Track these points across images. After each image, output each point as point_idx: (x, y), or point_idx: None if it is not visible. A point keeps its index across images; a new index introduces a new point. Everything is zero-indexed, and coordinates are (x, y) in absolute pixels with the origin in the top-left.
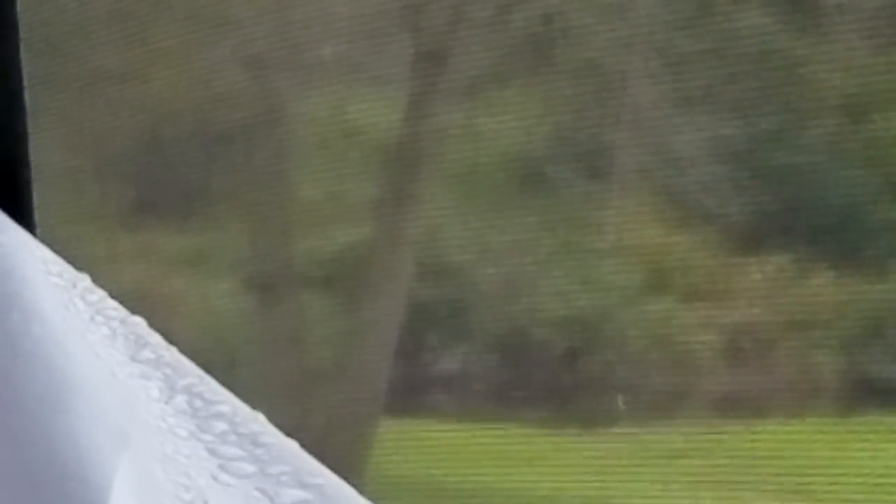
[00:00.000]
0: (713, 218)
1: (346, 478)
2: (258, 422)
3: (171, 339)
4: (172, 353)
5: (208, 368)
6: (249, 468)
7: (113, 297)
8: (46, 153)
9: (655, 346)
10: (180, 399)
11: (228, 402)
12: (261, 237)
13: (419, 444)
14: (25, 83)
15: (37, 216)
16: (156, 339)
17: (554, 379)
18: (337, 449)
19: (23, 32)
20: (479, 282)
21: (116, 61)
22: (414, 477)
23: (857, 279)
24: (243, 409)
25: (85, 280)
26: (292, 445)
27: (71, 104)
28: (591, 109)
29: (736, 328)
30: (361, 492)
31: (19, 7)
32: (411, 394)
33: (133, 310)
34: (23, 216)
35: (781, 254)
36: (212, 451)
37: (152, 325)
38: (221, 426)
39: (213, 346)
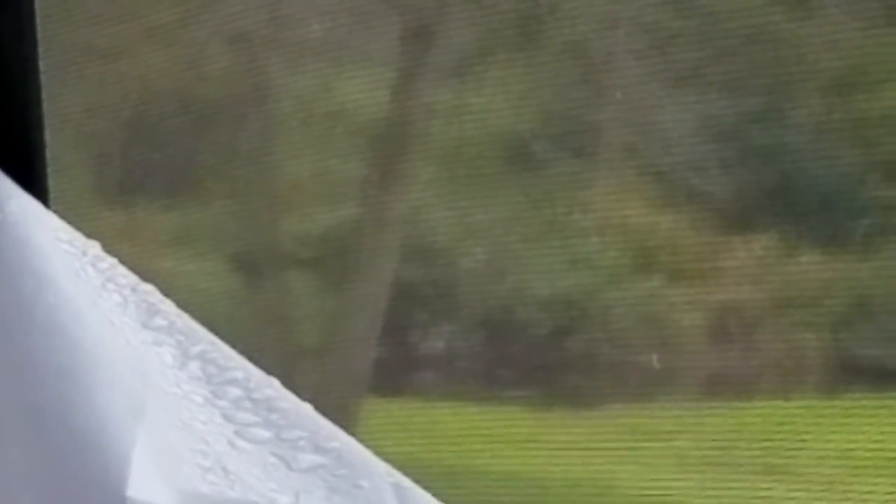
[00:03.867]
0: (700, 197)
1: None
2: (272, 387)
3: None
4: (185, 320)
5: None
6: (265, 434)
7: None
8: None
9: (642, 326)
10: (194, 366)
11: (242, 367)
12: (246, 216)
13: (405, 424)
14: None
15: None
16: (168, 306)
17: (540, 358)
18: None
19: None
20: (465, 261)
21: (102, 38)
22: (399, 457)
23: (843, 258)
24: (257, 374)
25: (95, 247)
26: (307, 410)
27: (55, 82)
28: (579, 88)
29: (722, 307)
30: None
31: None
32: (397, 373)
33: None
34: (35, 184)
35: (768, 233)
36: (227, 418)
37: None
38: (236, 392)
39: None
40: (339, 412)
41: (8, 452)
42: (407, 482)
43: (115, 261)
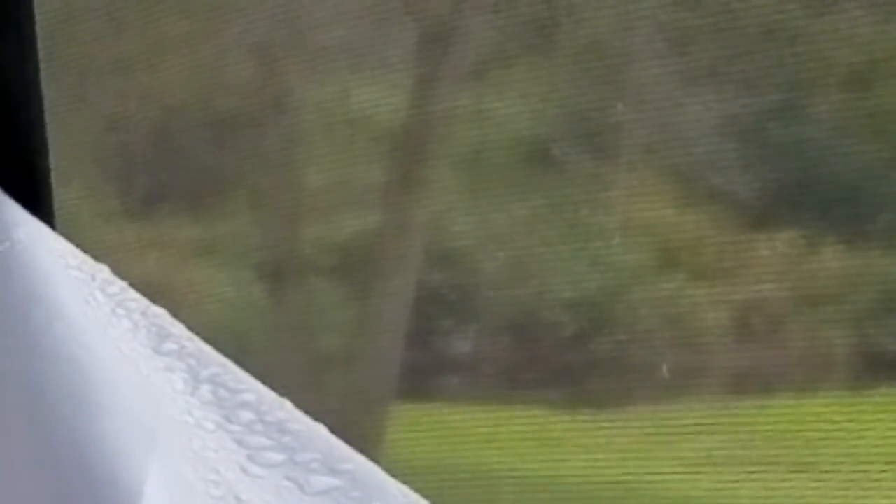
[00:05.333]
0: (721, 194)
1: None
2: (285, 409)
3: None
4: (195, 343)
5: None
6: (278, 457)
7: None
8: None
9: (666, 325)
10: (205, 390)
11: (253, 389)
12: (270, 225)
13: (432, 428)
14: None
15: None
16: (178, 329)
17: (565, 360)
18: (350, 435)
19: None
20: (488, 264)
21: (122, 51)
22: (427, 461)
23: (867, 253)
24: (269, 395)
25: (104, 271)
26: (321, 431)
27: (77, 95)
28: (597, 88)
29: (746, 305)
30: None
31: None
32: (423, 378)
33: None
34: (41, 208)
35: (791, 229)
36: (240, 442)
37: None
38: (248, 415)
39: (225, 336)
40: (367, 419)
41: (19, 486)
42: (423, 503)
43: (124, 284)
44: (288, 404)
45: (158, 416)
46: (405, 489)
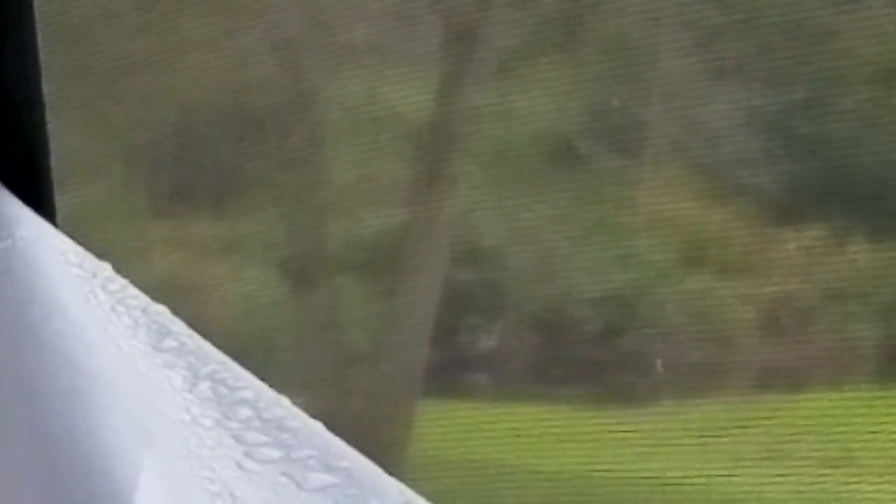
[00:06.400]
0: (748, 190)
1: (387, 459)
2: (282, 406)
3: (208, 327)
4: (195, 340)
5: (246, 354)
6: (275, 453)
7: (146, 286)
8: (67, 144)
9: (693, 321)
10: (204, 386)
11: (252, 386)
12: (295, 222)
13: (459, 425)
14: (43, 73)
15: (57, 205)
16: (178, 326)
17: (592, 356)
18: (377, 431)
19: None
20: (514, 261)
21: (144, 50)
22: (455, 457)
23: (894, 247)
24: (267, 393)
25: (106, 269)
26: (318, 428)
27: (95, 94)
28: (623, 84)
29: (773, 300)
30: (390, 472)
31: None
32: (450, 374)
33: (169, 298)
34: (43, 205)
35: (817, 224)
36: (237, 439)
37: (188, 313)
38: (246, 412)
39: (251, 333)
40: (394, 415)
41: (17, 476)
42: (419, 501)
43: (125, 282)
44: (286, 401)
45: (155, 414)
46: (402, 486)
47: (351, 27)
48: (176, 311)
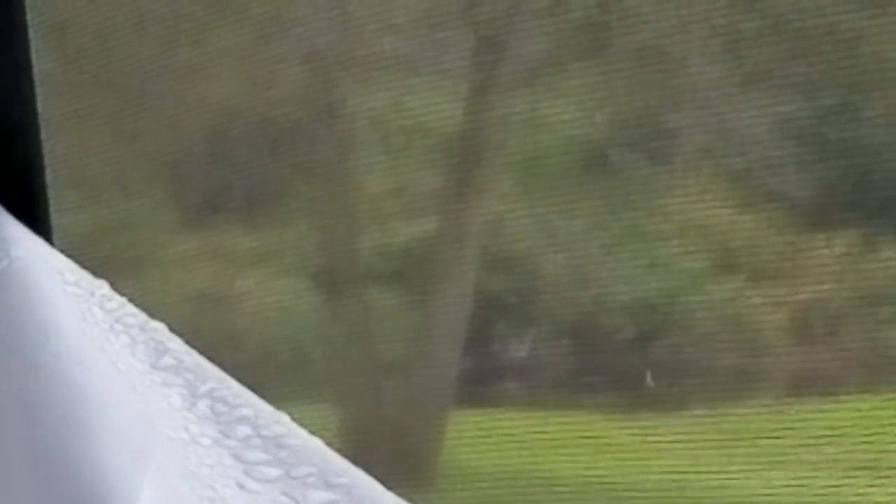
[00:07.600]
0: (778, 196)
1: (420, 468)
2: (282, 423)
3: (240, 340)
4: (193, 358)
5: (278, 366)
6: (274, 472)
7: (181, 298)
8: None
9: (726, 327)
10: (203, 405)
11: (251, 404)
12: (326, 233)
13: (492, 434)
14: (38, 88)
15: (53, 224)
16: (176, 343)
17: (624, 364)
18: (409, 441)
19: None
20: (546, 269)
21: (171, 61)
22: (487, 467)
23: None
24: (266, 410)
25: (103, 287)
26: (317, 445)
27: (113, 107)
28: (652, 92)
29: (805, 306)
30: (389, 488)
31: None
32: (482, 383)
33: (202, 310)
34: (39, 224)
35: (849, 229)
36: (236, 457)
37: (221, 324)
38: (245, 430)
39: (283, 344)
40: (427, 425)
41: (14, 500)
42: None
43: (123, 300)
44: (285, 418)
45: (153, 434)
46: (401, 502)
47: (380, 38)
48: (204, 324)
